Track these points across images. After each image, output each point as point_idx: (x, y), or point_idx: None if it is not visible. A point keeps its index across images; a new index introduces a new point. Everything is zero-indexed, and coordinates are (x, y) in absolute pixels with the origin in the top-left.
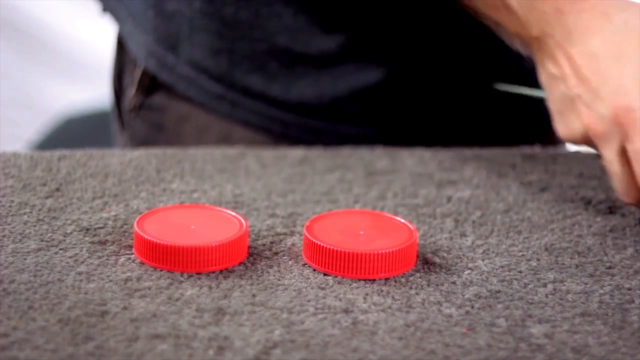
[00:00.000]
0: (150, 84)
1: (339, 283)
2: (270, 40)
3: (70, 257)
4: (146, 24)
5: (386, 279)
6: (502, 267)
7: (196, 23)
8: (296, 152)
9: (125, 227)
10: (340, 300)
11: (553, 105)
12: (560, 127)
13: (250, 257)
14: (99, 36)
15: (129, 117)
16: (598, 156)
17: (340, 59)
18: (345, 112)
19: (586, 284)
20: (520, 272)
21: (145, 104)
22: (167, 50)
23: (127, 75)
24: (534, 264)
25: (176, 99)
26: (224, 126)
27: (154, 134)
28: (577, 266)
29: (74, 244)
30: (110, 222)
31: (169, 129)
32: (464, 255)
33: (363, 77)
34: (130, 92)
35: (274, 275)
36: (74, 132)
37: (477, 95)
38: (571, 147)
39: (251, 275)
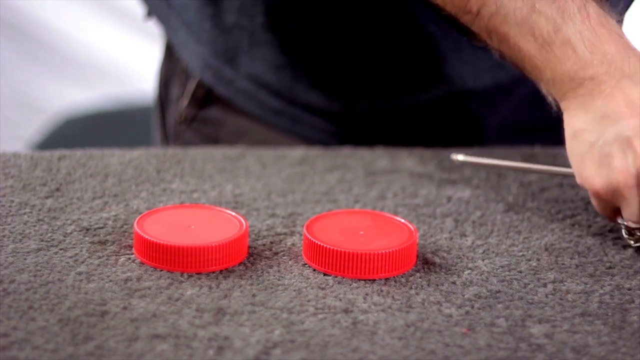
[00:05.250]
0: (205, 97)
1: (339, 283)
2: (330, 56)
3: (70, 257)
4: (202, 35)
5: (386, 279)
6: (502, 267)
7: (258, 37)
8: (296, 152)
9: (125, 227)
10: (340, 300)
11: (592, 152)
12: (599, 175)
13: (250, 257)
14: (100, 37)
15: (179, 129)
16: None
17: (401, 76)
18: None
19: (586, 284)
20: (520, 272)
21: (199, 116)
22: (224, 63)
23: (176, 85)
24: (534, 264)
25: (233, 113)
26: (282, 141)
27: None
28: (577, 266)
29: (74, 244)
30: (110, 222)
31: (226, 143)
32: (464, 255)
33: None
34: (182, 103)
35: (274, 275)
36: (74, 132)
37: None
38: None
39: (251, 275)
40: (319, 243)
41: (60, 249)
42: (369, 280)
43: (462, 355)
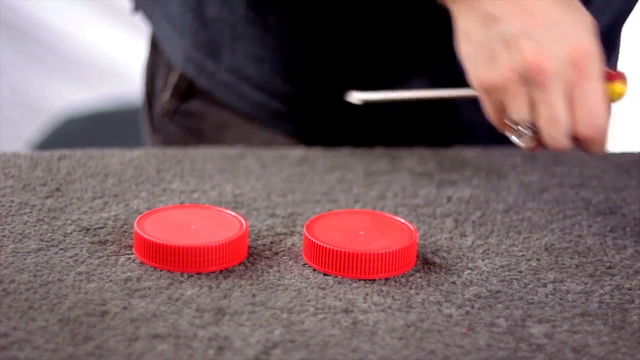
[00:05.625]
0: (187, 90)
1: (339, 283)
2: (308, 49)
3: (70, 257)
4: (184, 28)
5: (386, 279)
6: (502, 267)
7: (238, 30)
8: (296, 152)
9: (125, 227)
10: (340, 300)
11: (479, 50)
12: (485, 71)
13: (250, 257)
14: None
15: (162, 121)
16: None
17: (382, 70)
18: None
19: (586, 284)
20: (520, 272)
21: (181, 109)
22: (206, 56)
23: (160, 78)
24: (534, 264)
25: (215, 106)
26: (265, 134)
27: (192, 140)
28: (577, 266)
29: (74, 244)
30: (110, 222)
31: (208, 136)
32: (464, 255)
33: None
34: (165, 96)
35: (274, 275)
36: (74, 132)
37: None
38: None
39: (251, 275)
40: (319, 243)
41: (60, 249)
42: (369, 280)
43: (462, 355)
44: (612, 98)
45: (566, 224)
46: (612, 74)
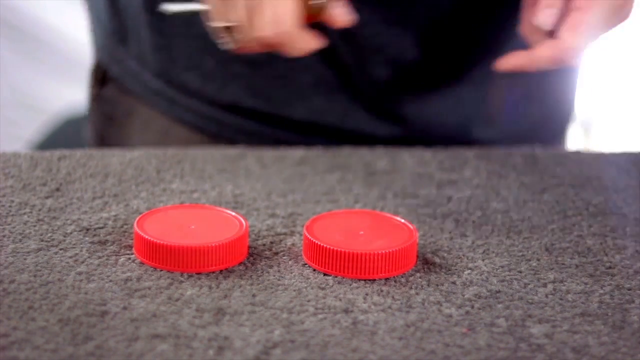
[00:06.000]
0: (103, 76)
1: (339, 283)
2: (206, 38)
3: (70, 257)
4: (100, 15)
5: (386, 279)
6: (502, 267)
7: (140, 18)
8: (296, 152)
9: (125, 227)
10: (340, 300)
11: None
12: None
13: (250, 257)
14: None
15: (90, 107)
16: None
17: (275, 59)
18: (281, 116)
19: (586, 284)
20: (520, 272)
21: (100, 95)
22: (117, 43)
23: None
24: (534, 264)
25: (125, 93)
26: (164, 123)
27: (107, 126)
28: (577, 266)
29: (74, 244)
30: (110, 222)
31: (118, 122)
32: (464, 255)
33: (300, 77)
34: (90, 82)
35: (274, 275)
36: (74, 132)
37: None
38: (571, 148)
39: (251, 275)
40: (319, 243)
41: (60, 249)
42: (369, 280)
43: (462, 355)
44: (312, 10)
45: (566, 224)
46: None
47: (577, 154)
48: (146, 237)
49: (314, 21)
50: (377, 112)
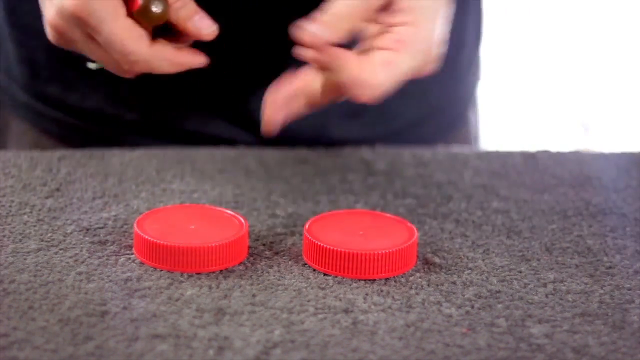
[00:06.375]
0: None
1: (339, 283)
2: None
3: (70, 257)
4: None
5: (386, 279)
6: (502, 267)
7: (3, 32)
8: (296, 152)
9: (125, 227)
10: (340, 300)
11: None
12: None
13: (250, 257)
14: None
15: None
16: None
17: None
18: (143, 122)
19: (586, 284)
20: (520, 272)
21: None
22: None
23: None
24: (534, 264)
25: (2, 105)
26: (35, 135)
27: None
28: (577, 266)
29: (74, 244)
30: (110, 222)
31: (2, 132)
32: (464, 255)
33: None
34: None
35: (274, 275)
36: None
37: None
38: (571, 148)
39: (251, 275)
40: (319, 243)
41: (60, 249)
42: (369, 280)
43: (462, 355)
44: (151, 18)
45: (566, 224)
46: (133, 3)
47: (577, 154)
48: (146, 237)
49: (170, 34)
50: (230, 119)
